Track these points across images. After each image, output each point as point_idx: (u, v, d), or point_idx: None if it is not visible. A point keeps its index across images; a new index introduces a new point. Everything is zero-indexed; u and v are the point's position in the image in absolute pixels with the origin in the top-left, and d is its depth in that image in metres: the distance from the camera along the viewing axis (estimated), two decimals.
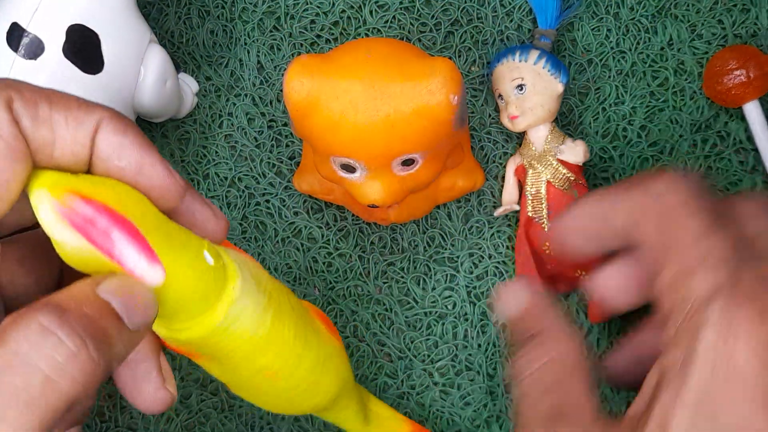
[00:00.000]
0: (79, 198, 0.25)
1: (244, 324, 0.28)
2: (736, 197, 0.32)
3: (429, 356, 0.45)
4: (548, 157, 0.43)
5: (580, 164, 0.43)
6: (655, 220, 0.30)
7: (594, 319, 0.45)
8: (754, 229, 0.30)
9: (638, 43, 0.46)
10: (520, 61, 0.43)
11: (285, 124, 0.45)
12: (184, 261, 0.26)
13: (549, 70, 0.43)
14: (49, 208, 0.24)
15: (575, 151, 0.43)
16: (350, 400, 0.37)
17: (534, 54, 0.43)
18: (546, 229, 0.44)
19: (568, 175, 0.43)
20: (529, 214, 0.44)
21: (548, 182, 0.43)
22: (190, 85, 0.45)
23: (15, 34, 0.36)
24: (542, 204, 0.43)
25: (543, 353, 0.32)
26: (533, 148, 0.43)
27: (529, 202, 0.44)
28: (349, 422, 0.39)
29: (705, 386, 0.27)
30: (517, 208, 0.44)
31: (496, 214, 0.45)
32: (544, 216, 0.44)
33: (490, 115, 0.46)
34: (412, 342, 0.45)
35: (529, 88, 0.42)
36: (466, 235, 0.46)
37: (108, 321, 0.27)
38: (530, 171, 0.43)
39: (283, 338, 0.30)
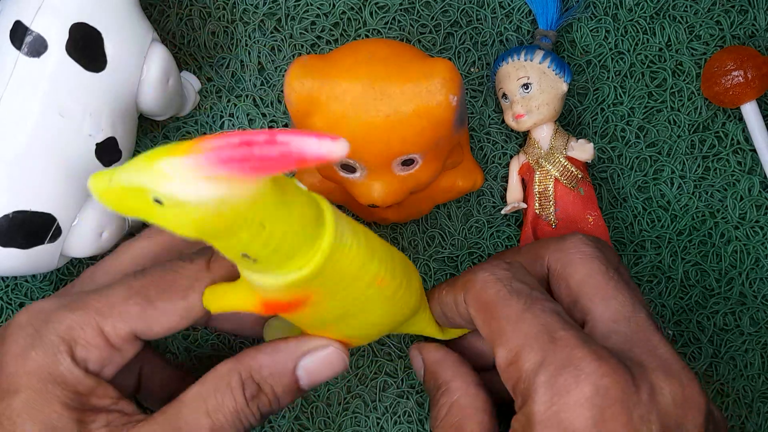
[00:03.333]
0: (207, 146, 0.25)
1: (349, 238, 0.31)
2: (546, 248, 0.39)
3: None
4: (556, 155, 0.43)
5: (589, 161, 0.44)
6: (480, 314, 0.36)
7: None
8: (566, 276, 0.37)
9: (637, 44, 0.46)
10: (525, 60, 0.43)
11: (286, 125, 0.46)
12: (292, 195, 0.29)
13: (554, 70, 0.43)
14: (186, 170, 0.25)
15: (586, 148, 0.43)
16: (425, 302, 0.40)
17: (539, 53, 0.43)
18: (553, 227, 0.44)
19: (576, 172, 0.43)
20: (537, 211, 0.44)
21: (556, 180, 0.43)
22: (192, 83, 0.45)
23: (18, 32, 0.36)
24: (550, 201, 0.44)
25: (444, 402, 0.38)
26: (539, 147, 0.44)
27: (537, 199, 0.44)
28: (429, 327, 0.41)
29: None
30: (525, 206, 0.44)
31: (503, 212, 0.45)
32: (552, 213, 0.44)
33: (489, 116, 0.46)
34: (411, 341, 0.45)
35: (535, 87, 0.43)
36: (465, 234, 0.46)
37: (288, 392, 0.35)
38: (538, 169, 0.44)
39: (378, 245, 0.34)
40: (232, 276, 0.36)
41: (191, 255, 0.37)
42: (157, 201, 0.26)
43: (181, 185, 0.25)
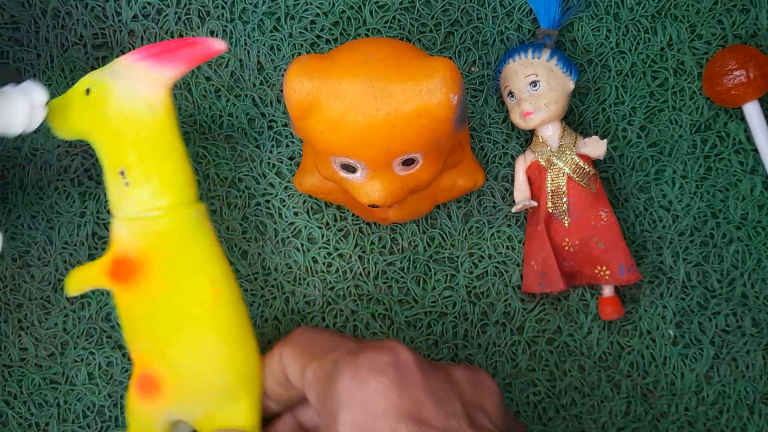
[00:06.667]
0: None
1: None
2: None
3: (429, 356, 0.45)
4: (567, 153, 0.43)
5: (601, 158, 0.43)
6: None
7: (605, 316, 0.45)
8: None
9: (638, 44, 0.46)
10: (533, 57, 0.43)
11: (285, 125, 0.45)
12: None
13: (561, 68, 0.43)
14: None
15: (599, 145, 0.43)
16: (255, 390, 0.40)
17: (546, 51, 0.43)
18: (566, 225, 0.44)
19: (588, 169, 0.43)
20: (549, 210, 0.44)
21: (569, 177, 0.43)
22: (32, 95, 0.38)
23: None
24: (563, 199, 0.43)
25: None
26: (548, 145, 0.43)
27: (549, 198, 0.44)
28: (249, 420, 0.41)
29: None
30: (535, 204, 0.44)
31: (513, 210, 0.45)
32: (565, 212, 0.43)
33: (490, 116, 0.46)
34: (412, 341, 0.45)
35: (543, 84, 0.42)
36: (466, 235, 0.46)
37: None
38: (550, 167, 0.43)
39: (226, 267, 0.39)
40: None
41: None
42: (87, 91, 0.38)
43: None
